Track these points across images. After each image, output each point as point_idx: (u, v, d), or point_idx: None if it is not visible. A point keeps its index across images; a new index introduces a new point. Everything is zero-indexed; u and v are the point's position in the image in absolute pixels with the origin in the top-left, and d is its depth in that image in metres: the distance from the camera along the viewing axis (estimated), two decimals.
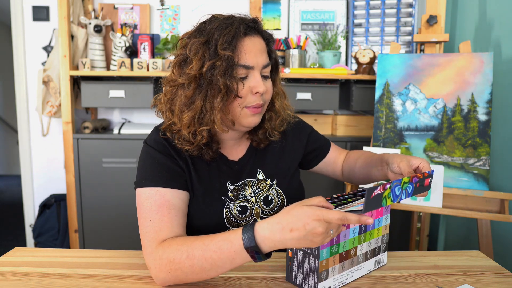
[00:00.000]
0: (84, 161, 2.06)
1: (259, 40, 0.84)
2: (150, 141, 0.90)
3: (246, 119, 0.85)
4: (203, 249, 0.70)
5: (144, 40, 2.13)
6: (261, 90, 0.82)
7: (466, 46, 1.66)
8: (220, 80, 0.78)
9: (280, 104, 0.94)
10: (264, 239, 0.66)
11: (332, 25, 2.36)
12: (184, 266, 0.71)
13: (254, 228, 0.67)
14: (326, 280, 0.74)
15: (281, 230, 0.65)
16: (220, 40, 0.79)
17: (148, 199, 0.82)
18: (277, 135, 0.96)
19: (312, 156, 1.07)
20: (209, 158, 0.88)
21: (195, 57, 0.80)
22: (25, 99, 2.38)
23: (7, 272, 0.82)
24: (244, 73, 0.82)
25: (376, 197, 0.65)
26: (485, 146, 1.57)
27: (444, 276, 0.83)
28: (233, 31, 0.80)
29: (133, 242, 2.11)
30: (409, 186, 0.72)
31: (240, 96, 0.82)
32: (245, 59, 0.81)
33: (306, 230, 0.63)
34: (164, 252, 0.74)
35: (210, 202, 0.88)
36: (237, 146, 0.95)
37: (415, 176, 0.73)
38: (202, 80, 0.80)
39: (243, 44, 0.81)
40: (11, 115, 4.54)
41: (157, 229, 0.78)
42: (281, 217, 0.66)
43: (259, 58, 0.83)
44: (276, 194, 0.95)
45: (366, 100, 2.07)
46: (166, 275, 0.73)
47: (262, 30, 0.86)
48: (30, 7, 2.32)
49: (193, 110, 0.81)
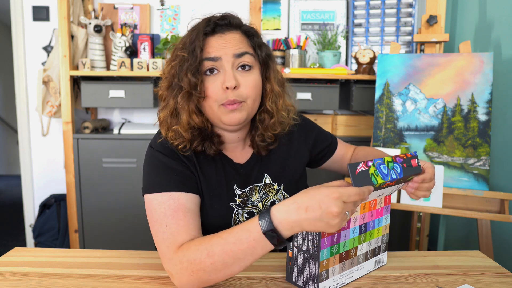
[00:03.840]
0: (84, 161, 2.06)
1: (232, 34, 0.83)
2: (156, 145, 0.87)
3: (226, 116, 0.83)
4: (222, 243, 0.68)
5: (144, 40, 2.13)
6: (229, 84, 0.79)
7: (466, 46, 1.66)
8: (184, 80, 0.80)
9: (272, 104, 0.88)
10: (281, 221, 0.64)
11: (332, 25, 2.36)
12: (205, 265, 0.69)
13: (270, 211, 0.65)
14: (326, 280, 0.74)
15: (297, 210, 0.63)
16: (187, 41, 0.82)
17: (161, 204, 0.79)
18: (271, 137, 0.91)
19: (320, 156, 1.06)
20: (213, 152, 0.87)
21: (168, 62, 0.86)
22: (25, 99, 2.38)
23: (7, 272, 0.82)
24: (211, 65, 0.81)
25: (361, 173, 0.65)
26: (485, 146, 1.57)
27: (444, 276, 0.83)
28: (195, 32, 0.82)
29: (133, 242, 2.12)
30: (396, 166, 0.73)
31: (204, 96, 0.82)
32: (210, 53, 0.81)
33: (322, 209, 0.61)
34: (184, 255, 0.71)
35: (218, 207, 0.87)
36: (241, 149, 0.94)
37: (397, 156, 0.74)
38: (173, 82, 0.84)
39: (209, 41, 0.82)
40: (11, 115, 4.54)
41: (174, 234, 0.75)
42: (297, 197, 0.65)
43: (228, 49, 0.81)
44: (283, 199, 0.93)
45: (366, 100, 2.07)
46: (189, 278, 0.70)
47: (239, 24, 0.85)
48: (30, 7, 2.32)
49: (167, 109, 0.85)
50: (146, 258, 0.90)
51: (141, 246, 2.08)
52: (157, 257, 0.90)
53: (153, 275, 0.82)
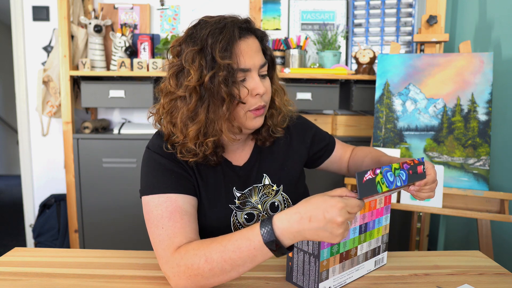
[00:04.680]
0: (84, 161, 2.06)
1: (253, 40, 0.83)
2: (154, 147, 0.87)
3: (251, 122, 0.84)
4: (221, 250, 0.68)
5: (144, 40, 2.13)
6: (261, 91, 0.81)
7: (466, 46, 1.66)
8: (223, 89, 0.76)
9: (280, 100, 0.93)
10: (283, 231, 0.64)
11: (332, 25, 2.36)
12: (203, 271, 0.69)
13: (272, 221, 0.65)
14: (326, 280, 0.74)
15: (299, 220, 0.63)
16: (216, 48, 0.76)
17: (158, 206, 0.79)
18: (281, 131, 0.95)
19: (317, 156, 1.06)
20: (214, 163, 0.87)
21: (192, 67, 0.77)
22: (25, 99, 2.38)
23: (7, 272, 0.82)
24: (242, 76, 0.81)
25: (368, 182, 0.65)
26: (485, 146, 1.57)
27: (444, 276, 0.83)
28: (227, 37, 0.77)
29: (133, 242, 2.12)
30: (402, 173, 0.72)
31: (244, 102, 0.80)
32: (243, 62, 0.79)
33: (326, 219, 0.61)
34: (181, 259, 0.71)
35: (217, 209, 0.87)
36: (241, 150, 0.94)
37: (405, 163, 0.74)
38: (203, 91, 0.78)
39: (239, 47, 0.79)
40: (11, 115, 4.54)
41: (171, 236, 0.75)
42: (299, 206, 0.64)
43: (255, 59, 0.81)
44: (283, 200, 0.94)
45: (366, 100, 2.07)
46: (186, 282, 0.71)
47: (255, 29, 0.85)
48: (30, 7, 2.32)
49: (198, 123, 0.79)
50: (146, 258, 0.90)
51: (141, 246, 2.08)
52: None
53: (153, 275, 0.82)
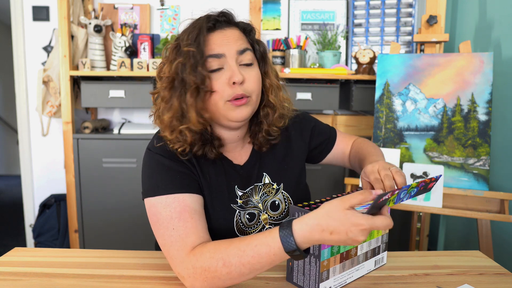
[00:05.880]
0: (84, 161, 2.06)
1: (233, 30, 0.83)
2: (155, 148, 0.86)
3: (232, 112, 0.82)
4: (240, 255, 0.68)
5: (144, 40, 2.13)
6: (236, 79, 0.79)
7: (466, 46, 1.66)
8: (189, 77, 0.78)
9: (275, 97, 0.90)
10: (304, 239, 0.65)
11: (332, 25, 2.36)
12: (221, 274, 0.69)
13: (292, 229, 0.65)
14: (327, 280, 0.74)
15: (321, 232, 0.63)
16: (185, 39, 0.80)
17: (166, 207, 0.78)
18: (277, 131, 0.92)
19: (318, 150, 1.04)
20: (214, 156, 0.86)
21: (168, 62, 0.83)
22: (25, 99, 2.38)
23: (7, 272, 0.82)
24: (217, 64, 0.80)
25: (384, 201, 0.65)
26: (485, 146, 1.57)
27: (444, 276, 0.83)
28: (197, 28, 0.80)
29: (133, 242, 2.12)
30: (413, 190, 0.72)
31: (213, 90, 0.80)
32: (214, 49, 0.80)
33: (348, 236, 0.62)
34: (197, 261, 0.71)
35: (220, 209, 0.87)
36: (240, 149, 0.93)
37: (423, 182, 0.73)
38: (176, 80, 0.81)
39: (211, 37, 0.81)
40: (11, 115, 4.54)
41: (183, 237, 0.74)
42: (320, 218, 0.64)
43: (231, 45, 0.81)
44: (283, 199, 0.93)
45: (366, 100, 2.07)
46: (202, 283, 0.71)
47: (237, 22, 0.86)
48: (30, 7, 2.32)
49: (171, 111, 0.81)
50: (146, 258, 0.90)
51: (141, 246, 2.08)
52: (157, 257, 0.90)
53: (153, 275, 0.82)
